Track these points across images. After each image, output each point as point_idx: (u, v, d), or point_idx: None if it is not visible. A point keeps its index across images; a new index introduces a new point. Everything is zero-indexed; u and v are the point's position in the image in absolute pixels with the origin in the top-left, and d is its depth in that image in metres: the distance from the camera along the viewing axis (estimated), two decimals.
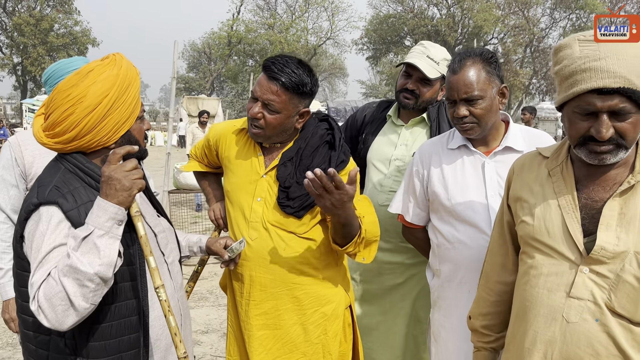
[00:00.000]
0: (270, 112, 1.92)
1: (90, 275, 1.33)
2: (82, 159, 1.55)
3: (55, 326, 1.35)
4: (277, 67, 1.88)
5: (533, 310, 1.46)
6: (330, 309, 2.06)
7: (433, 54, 2.41)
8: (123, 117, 1.55)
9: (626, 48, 1.31)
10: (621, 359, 1.33)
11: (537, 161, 1.57)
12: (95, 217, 1.39)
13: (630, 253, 1.32)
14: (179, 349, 1.51)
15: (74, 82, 1.51)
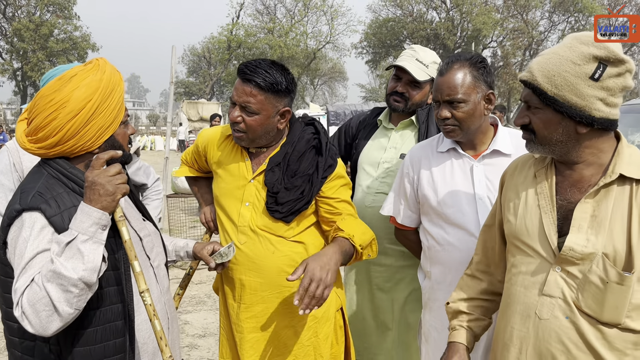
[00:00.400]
0: (248, 114, 1.93)
1: (74, 281, 1.33)
2: (65, 164, 1.55)
3: (40, 332, 1.35)
4: (249, 69, 1.90)
5: (511, 307, 1.50)
6: (321, 312, 2.08)
7: (422, 57, 2.44)
8: (107, 122, 1.55)
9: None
10: (590, 355, 1.36)
11: (528, 164, 1.60)
12: (79, 222, 1.38)
13: (599, 255, 1.35)
14: (165, 353, 1.52)
15: (57, 87, 1.51)
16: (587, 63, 1.35)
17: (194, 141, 2.17)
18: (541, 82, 1.38)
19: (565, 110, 1.36)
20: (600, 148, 1.41)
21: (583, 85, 1.34)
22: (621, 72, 1.36)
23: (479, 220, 1.94)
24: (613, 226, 1.36)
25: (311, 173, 2.00)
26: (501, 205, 1.65)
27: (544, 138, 1.41)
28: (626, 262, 1.33)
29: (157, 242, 1.79)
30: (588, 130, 1.38)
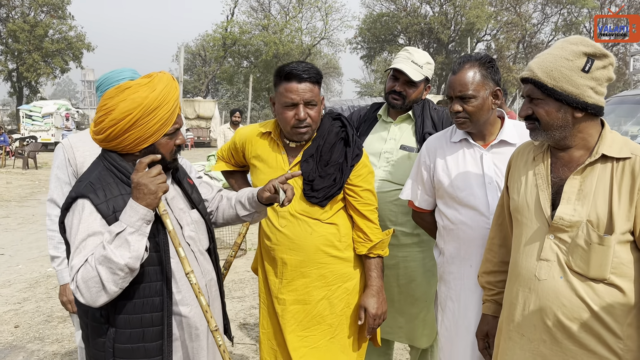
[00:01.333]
0: (311, 108, 2.22)
1: (121, 266, 1.58)
2: (117, 157, 1.78)
3: (90, 303, 1.62)
4: (298, 70, 2.17)
5: (515, 271, 1.80)
6: (352, 285, 2.36)
7: (417, 59, 2.70)
8: (146, 134, 1.74)
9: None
10: (584, 308, 1.63)
11: (528, 149, 1.89)
12: (128, 217, 1.63)
13: (584, 222, 1.63)
14: (211, 324, 1.77)
15: (112, 95, 1.74)
16: (578, 58, 1.64)
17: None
18: (541, 76, 1.66)
19: (564, 98, 1.64)
20: (589, 133, 1.69)
21: (576, 76, 1.63)
22: (605, 65, 1.65)
23: (488, 202, 2.21)
24: (596, 198, 1.63)
25: (341, 162, 2.27)
26: (507, 187, 1.93)
27: (547, 124, 1.68)
28: (608, 226, 1.61)
29: (201, 229, 1.99)
30: (583, 114, 1.65)
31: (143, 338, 1.75)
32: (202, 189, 2.12)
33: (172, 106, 1.77)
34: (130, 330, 1.74)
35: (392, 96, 2.72)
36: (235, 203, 2.12)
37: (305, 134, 2.26)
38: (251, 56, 42.70)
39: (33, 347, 4.29)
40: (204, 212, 2.02)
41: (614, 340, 1.61)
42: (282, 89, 2.21)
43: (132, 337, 1.75)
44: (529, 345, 1.73)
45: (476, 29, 39.46)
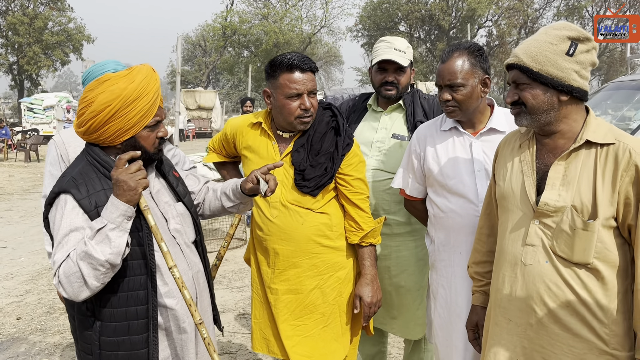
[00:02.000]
0: (313, 97, 2.25)
1: (102, 262, 1.60)
2: (100, 152, 1.80)
3: (72, 298, 1.64)
4: (299, 60, 2.19)
5: (502, 257, 1.82)
6: (344, 274, 2.38)
7: (398, 45, 2.70)
8: (126, 126, 1.74)
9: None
10: (569, 292, 1.65)
11: (515, 137, 1.90)
12: (109, 213, 1.64)
13: (568, 207, 1.65)
14: (195, 317, 1.79)
15: (92, 87, 1.75)
16: (562, 42, 1.65)
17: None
18: (527, 61, 1.67)
19: (549, 82, 1.65)
20: (574, 118, 1.70)
21: (561, 60, 1.64)
22: (589, 49, 1.67)
23: (477, 190, 2.22)
24: (580, 183, 1.64)
25: (332, 151, 2.28)
26: (494, 175, 1.95)
27: (533, 108, 1.69)
28: (592, 211, 1.62)
29: (187, 221, 2.00)
30: (568, 98, 1.67)
31: (128, 331, 1.77)
32: (188, 181, 2.13)
33: (151, 98, 1.77)
34: (115, 323, 1.76)
35: (385, 87, 2.71)
36: (221, 195, 2.13)
37: (309, 123, 2.28)
38: (251, 46, 42.56)
39: (35, 339, 4.34)
40: (190, 205, 2.03)
41: (599, 325, 1.63)
42: (284, 80, 2.20)
43: (117, 330, 1.77)
44: (516, 330, 1.75)
45: (477, 15, 39.17)
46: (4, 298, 5.31)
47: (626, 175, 1.59)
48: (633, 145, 1.61)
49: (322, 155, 2.28)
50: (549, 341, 1.68)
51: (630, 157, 1.59)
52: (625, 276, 1.64)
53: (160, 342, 1.85)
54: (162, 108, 1.86)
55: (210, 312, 2.08)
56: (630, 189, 1.59)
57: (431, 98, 2.79)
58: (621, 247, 1.64)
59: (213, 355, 1.82)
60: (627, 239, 1.64)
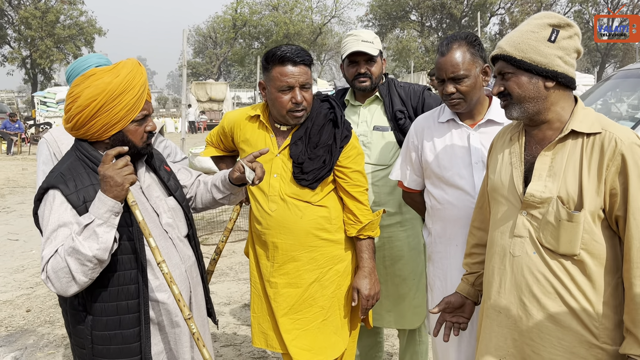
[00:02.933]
0: (306, 90, 2.22)
1: (90, 257, 1.60)
2: (88, 147, 1.80)
3: (61, 293, 1.65)
4: (291, 53, 2.16)
5: (492, 249, 1.80)
6: (343, 267, 2.37)
7: (365, 37, 2.69)
8: (112, 121, 1.74)
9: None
10: (558, 284, 1.63)
11: (508, 130, 1.88)
12: (96, 209, 1.64)
13: (554, 198, 1.62)
14: (183, 312, 1.78)
15: (77, 82, 1.75)
16: (543, 29, 1.65)
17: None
18: (510, 50, 1.67)
19: (533, 68, 1.64)
20: (562, 106, 1.68)
21: (543, 46, 1.64)
22: (571, 35, 1.66)
23: (474, 182, 2.20)
24: (567, 174, 1.62)
25: (330, 144, 2.27)
26: (488, 167, 1.94)
27: (519, 96, 1.68)
28: (578, 202, 1.59)
29: (179, 215, 2.00)
30: (554, 84, 1.65)
31: (120, 325, 1.78)
32: (181, 175, 2.13)
33: (138, 92, 1.77)
34: (106, 317, 1.77)
35: (358, 80, 2.70)
36: (211, 187, 2.13)
37: (302, 117, 2.25)
38: (262, 37, 42.51)
39: (43, 331, 4.40)
40: (181, 199, 2.03)
41: (588, 318, 1.60)
42: (276, 73, 2.18)
43: (108, 324, 1.78)
44: (506, 322, 1.74)
45: (490, 2, 38.70)
46: (15, 290, 5.39)
47: (612, 165, 1.56)
48: (619, 135, 1.58)
49: (321, 147, 2.26)
50: (538, 334, 1.66)
51: (616, 146, 1.56)
52: (616, 269, 1.61)
53: (153, 336, 1.86)
54: (149, 102, 1.85)
55: (204, 306, 2.09)
56: (617, 179, 1.56)
57: (407, 86, 2.78)
58: (610, 239, 1.61)
59: (202, 350, 1.82)
60: (617, 231, 1.61)
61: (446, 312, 2.02)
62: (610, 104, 4.91)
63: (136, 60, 1.84)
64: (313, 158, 2.25)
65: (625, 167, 1.54)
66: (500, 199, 1.79)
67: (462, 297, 2.02)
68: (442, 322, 2.04)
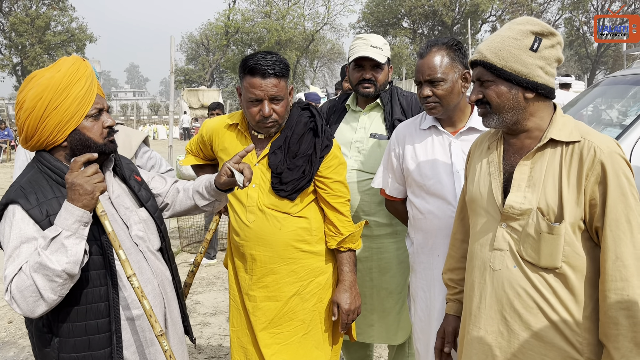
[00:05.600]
0: (277, 103, 2.13)
1: (59, 272, 1.49)
2: (49, 157, 1.69)
3: (27, 314, 1.53)
4: (263, 64, 2.07)
5: (472, 262, 1.74)
6: (324, 279, 2.31)
7: (374, 42, 2.63)
8: (64, 118, 1.64)
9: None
10: (539, 298, 1.57)
11: (486, 138, 1.83)
12: (63, 220, 1.53)
13: (534, 210, 1.57)
14: (155, 329, 1.69)
15: (21, 89, 1.67)
16: (526, 37, 1.58)
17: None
18: (490, 57, 1.60)
19: (514, 78, 1.58)
20: (541, 116, 1.63)
21: (525, 55, 1.57)
22: (553, 44, 1.60)
23: (455, 191, 2.15)
24: (546, 184, 1.57)
25: (310, 153, 2.20)
26: (466, 178, 1.87)
27: (498, 106, 1.62)
28: (558, 214, 1.54)
29: (150, 228, 1.89)
30: (534, 95, 1.60)
31: (89, 346, 1.67)
32: (155, 183, 2.04)
33: (84, 84, 1.68)
34: (74, 339, 1.67)
35: (362, 85, 2.65)
36: (193, 193, 2.03)
37: (272, 128, 2.19)
38: (254, 44, 42.49)
39: (24, 343, 4.30)
40: (153, 210, 1.93)
41: (571, 333, 1.55)
42: (246, 84, 2.12)
43: (77, 345, 1.67)
44: (487, 338, 1.67)
45: (481, 10, 38.92)
46: None
47: (591, 175, 1.51)
48: (598, 143, 1.53)
49: (300, 157, 2.20)
50: (521, 350, 1.61)
51: (595, 155, 1.51)
52: (597, 282, 1.55)
53: (126, 357, 1.75)
54: (102, 97, 1.75)
55: (180, 323, 1.98)
56: (596, 189, 1.51)
57: (409, 95, 2.72)
58: (592, 251, 1.56)
59: None
60: (597, 242, 1.55)
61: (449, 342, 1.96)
62: (599, 110, 4.89)
63: (78, 57, 1.76)
64: (292, 168, 2.19)
65: (605, 177, 1.50)
66: (479, 210, 1.73)
67: (456, 319, 1.95)
68: (441, 348, 1.97)
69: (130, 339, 1.77)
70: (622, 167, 1.51)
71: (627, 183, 1.50)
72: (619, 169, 1.50)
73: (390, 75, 2.73)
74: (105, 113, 1.76)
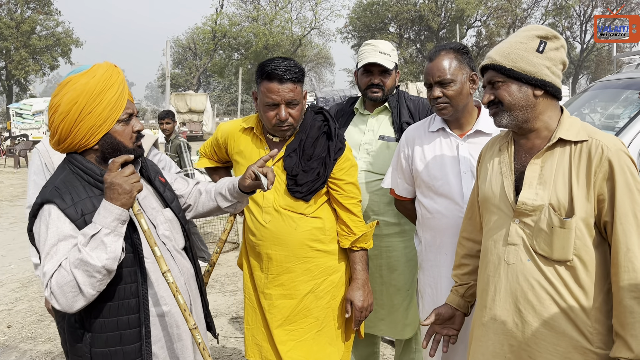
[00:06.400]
0: (293, 107, 2.21)
1: (99, 268, 1.55)
2: (81, 159, 1.74)
3: (66, 309, 1.58)
4: (280, 69, 2.15)
5: (486, 258, 1.83)
6: (337, 277, 2.38)
7: (383, 48, 2.73)
8: (97, 122, 1.69)
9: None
10: (552, 290, 1.67)
11: (497, 140, 1.93)
12: (102, 218, 1.59)
13: (546, 205, 1.67)
14: (189, 322, 1.77)
15: (55, 93, 1.72)
16: (532, 41, 1.71)
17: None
18: (500, 60, 1.72)
19: (523, 77, 1.70)
20: (549, 115, 1.73)
21: (532, 56, 1.70)
22: (557, 47, 1.72)
23: (463, 191, 2.25)
24: (556, 181, 1.67)
25: (324, 156, 2.28)
26: (477, 178, 1.97)
27: (510, 104, 1.72)
28: (569, 209, 1.64)
29: (176, 227, 1.96)
30: (542, 93, 1.71)
31: (121, 341, 1.73)
32: (177, 185, 2.10)
33: (117, 90, 1.74)
34: (106, 334, 1.72)
35: (371, 90, 2.74)
36: (216, 195, 2.09)
37: (287, 131, 2.26)
38: (241, 48, 42.50)
39: (25, 347, 4.31)
40: (178, 211, 1.99)
41: (582, 323, 1.64)
42: (263, 88, 2.19)
43: (109, 340, 1.73)
44: (503, 329, 1.76)
45: (466, 15, 39.36)
46: None
47: (599, 172, 1.61)
48: (605, 142, 1.63)
49: (315, 160, 2.28)
50: (534, 340, 1.69)
51: (603, 153, 1.61)
52: (607, 274, 1.65)
53: (157, 351, 1.81)
54: (132, 102, 1.81)
55: (203, 319, 2.05)
56: (604, 185, 1.61)
57: (416, 99, 2.82)
58: (601, 245, 1.66)
59: None
60: (605, 236, 1.65)
61: (436, 324, 2.05)
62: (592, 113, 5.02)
63: (110, 63, 1.82)
64: (307, 170, 2.26)
65: (612, 173, 1.59)
66: (492, 208, 1.82)
67: (452, 309, 2.04)
68: (432, 333, 2.06)
69: (159, 334, 1.83)
70: (628, 164, 1.62)
71: (632, 179, 1.60)
72: (625, 166, 1.60)
73: (397, 80, 2.82)
74: (134, 118, 1.81)
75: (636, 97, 3.79)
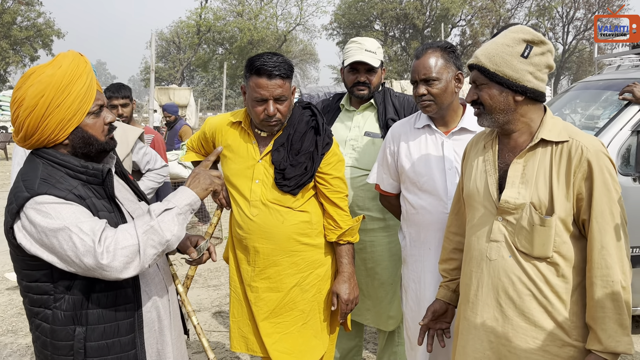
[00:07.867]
0: (281, 103, 2.22)
1: (164, 241, 1.55)
2: (56, 153, 1.62)
3: (114, 274, 1.49)
4: (269, 65, 2.16)
5: (469, 254, 1.88)
6: (323, 271, 2.42)
7: (369, 46, 2.76)
8: (67, 116, 1.59)
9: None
10: (532, 285, 1.72)
11: (481, 138, 1.97)
12: (179, 198, 1.66)
13: (527, 204, 1.72)
14: (186, 306, 1.82)
15: (18, 85, 1.60)
16: (517, 44, 1.72)
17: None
18: (484, 62, 1.75)
19: (504, 82, 1.72)
20: (531, 117, 1.77)
21: (516, 61, 1.71)
22: (544, 52, 1.74)
23: (447, 188, 2.29)
24: (538, 180, 1.72)
25: (312, 150, 2.31)
26: (462, 174, 2.01)
27: (490, 107, 1.76)
28: (549, 207, 1.70)
29: None
30: (523, 98, 1.74)
31: (118, 332, 1.66)
32: None
33: (85, 80, 1.64)
34: (104, 325, 1.64)
35: (357, 88, 2.78)
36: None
37: (275, 127, 2.28)
38: (226, 43, 42.26)
39: (6, 340, 4.26)
40: None
41: (560, 317, 1.70)
42: (252, 83, 2.20)
43: (106, 332, 1.65)
44: (483, 324, 1.81)
45: (451, 14, 39.63)
46: None
47: (579, 172, 1.66)
48: (585, 143, 1.68)
49: (302, 154, 2.30)
50: (514, 334, 1.74)
51: (582, 153, 1.66)
52: (584, 270, 1.71)
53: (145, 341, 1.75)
54: (101, 93, 1.71)
55: (179, 315, 2.00)
56: (583, 184, 1.66)
57: (402, 96, 2.86)
58: (579, 242, 1.71)
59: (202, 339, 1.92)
60: (584, 233, 1.71)
61: (431, 320, 2.09)
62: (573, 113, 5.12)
63: (76, 52, 1.71)
64: (295, 164, 2.28)
65: (591, 173, 1.65)
66: (476, 205, 1.87)
67: (445, 304, 2.09)
68: (426, 330, 2.11)
69: (150, 324, 1.78)
70: (607, 165, 1.67)
71: (610, 179, 1.66)
72: (603, 166, 1.66)
73: (383, 77, 2.86)
74: (105, 109, 1.73)
75: (616, 98, 3.88)
